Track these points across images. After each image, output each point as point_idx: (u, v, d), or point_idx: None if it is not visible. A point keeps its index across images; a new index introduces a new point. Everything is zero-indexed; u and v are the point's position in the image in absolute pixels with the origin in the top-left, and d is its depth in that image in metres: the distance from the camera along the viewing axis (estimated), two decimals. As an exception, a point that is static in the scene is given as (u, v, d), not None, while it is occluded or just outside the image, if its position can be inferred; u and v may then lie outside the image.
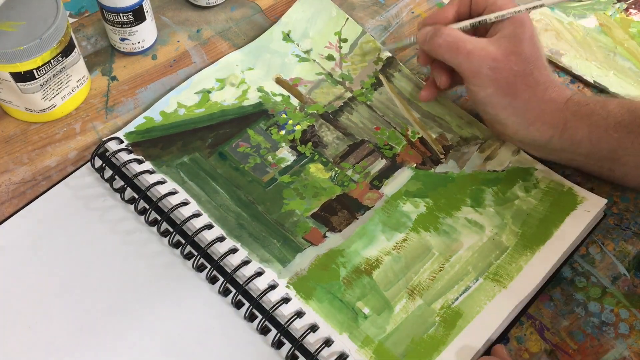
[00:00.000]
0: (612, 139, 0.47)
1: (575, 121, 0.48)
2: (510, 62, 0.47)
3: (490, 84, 0.48)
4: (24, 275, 0.46)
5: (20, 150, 0.53)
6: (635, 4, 0.64)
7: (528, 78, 0.48)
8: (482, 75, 0.48)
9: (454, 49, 0.48)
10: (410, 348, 0.43)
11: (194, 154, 0.52)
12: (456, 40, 0.49)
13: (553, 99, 0.48)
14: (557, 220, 0.48)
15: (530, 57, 0.48)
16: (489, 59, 0.47)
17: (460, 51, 0.48)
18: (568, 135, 0.48)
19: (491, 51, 0.48)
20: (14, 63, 0.48)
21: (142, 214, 0.49)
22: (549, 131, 0.48)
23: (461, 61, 0.48)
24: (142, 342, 0.44)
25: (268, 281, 0.45)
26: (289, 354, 0.43)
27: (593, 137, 0.47)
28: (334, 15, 0.61)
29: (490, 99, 0.49)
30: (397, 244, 0.48)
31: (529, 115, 0.48)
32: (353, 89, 0.57)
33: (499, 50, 0.48)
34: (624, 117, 0.47)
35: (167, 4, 0.63)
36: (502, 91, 0.48)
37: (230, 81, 0.56)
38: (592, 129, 0.47)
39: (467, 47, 0.48)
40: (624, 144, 0.47)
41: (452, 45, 0.49)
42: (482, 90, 0.49)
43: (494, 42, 0.48)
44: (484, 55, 0.48)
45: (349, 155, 0.53)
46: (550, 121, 0.48)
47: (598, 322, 0.46)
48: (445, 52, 0.49)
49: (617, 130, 0.47)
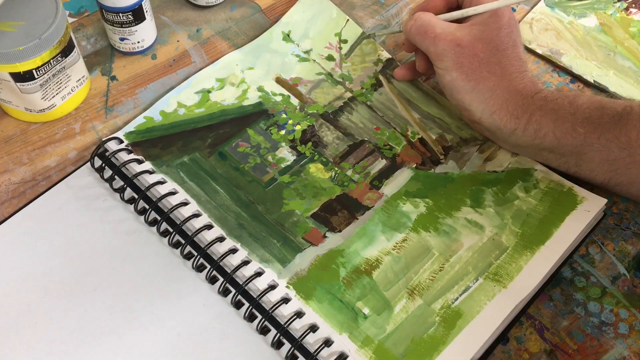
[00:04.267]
0: (577, 134, 0.47)
1: (541, 115, 0.48)
2: (475, 48, 0.49)
3: (453, 68, 0.49)
4: (24, 275, 0.46)
5: (20, 150, 0.53)
6: (635, 3, 0.64)
7: (493, 66, 0.49)
8: (446, 58, 0.49)
9: (422, 33, 0.50)
10: (410, 348, 0.43)
11: (193, 154, 0.52)
12: (425, 24, 0.50)
13: (519, 91, 0.49)
14: (557, 220, 0.48)
15: (500, 46, 0.49)
16: (454, 43, 0.49)
17: (428, 34, 0.50)
18: (532, 129, 0.48)
19: (458, 36, 0.49)
20: (13, 63, 0.48)
21: (142, 214, 0.49)
22: (511, 122, 0.49)
23: (428, 44, 0.50)
24: (142, 342, 0.44)
25: (268, 281, 0.45)
26: (288, 354, 0.43)
27: (558, 132, 0.47)
28: (334, 16, 0.61)
29: (454, 83, 0.50)
30: (397, 244, 0.48)
31: (492, 102, 0.49)
32: (353, 89, 0.57)
33: (466, 36, 0.49)
34: (592, 113, 0.47)
35: (166, 4, 0.63)
36: (466, 76, 0.49)
37: (230, 81, 0.56)
38: (557, 124, 0.47)
39: (435, 30, 0.50)
40: (589, 140, 0.47)
41: (420, 29, 0.51)
42: (447, 74, 0.50)
43: (464, 28, 0.50)
44: (450, 39, 0.49)
45: (349, 156, 0.53)
46: (514, 111, 0.48)
47: (598, 322, 0.46)
48: (415, 35, 0.51)
49: (584, 126, 0.47)
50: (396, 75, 0.57)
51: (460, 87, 0.49)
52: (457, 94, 0.50)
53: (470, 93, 0.49)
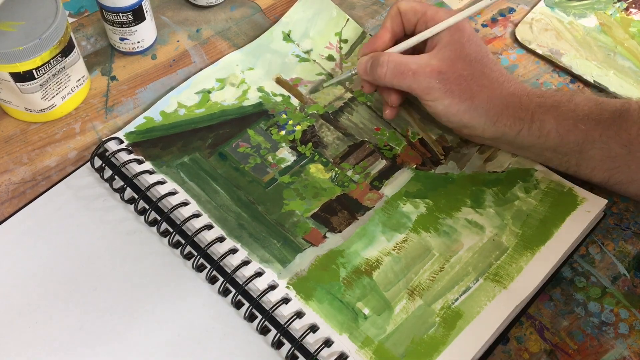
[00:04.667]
0: (579, 131, 0.47)
1: (542, 113, 0.48)
2: (457, 69, 0.48)
3: (444, 96, 0.48)
4: (24, 275, 0.46)
5: (20, 150, 0.53)
6: (635, 3, 0.64)
7: (480, 79, 0.48)
8: (434, 90, 0.48)
9: (398, 75, 0.49)
10: (410, 348, 0.43)
11: (194, 154, 0.52)
12: (398, 64, 0.49)
13: (513, 93, 0.49)
14: (557, 220, 0.48)
15: (476, 58, 0.48)
16: (435, 73, 0.48)
17: (405, 74, 0.48)
18: (536, 127, 0.48)
19: (435, 65, 0.48)
20: (13, 63, 0.48)
21: (142, 214, 0.49)
22: (516, 124, 0.48)
23: (410, 83, 0.49)
24: (142, 342, 0.44)
25: (268, 281, 0.45)
26: (288, 354, 0.43)
27: (561, 129, 0.47)
28: (334, 16, 0.61)
29: (449, 109, 0.49)
30: (397, 245, 0.48)
31: (492, 113, 0.48)
32: (353, 89, 0.57)
33: (442, 61, 0.48)
34: (592, 109, 0.47)
35: (166, 4, 0.63)
36: (459, 98, 0.48)
37: (231, 81, 0.56)
38: (559, 120, 0.47)
39: (411, 68, 0.48)
40: (591, 137, 0.47)
41: (395, 72, 0.49)
42: (439, 104, 0.49)
43: (436, 55, 0.49)
44: (429, 71, 0.48)
45: (349, 156, 0.53)
46: (516, 114, 0.48)
47: (598, 322, 0.46)
48: (392, 79, 0.49)
49: (585, 123, 0.47)
50: (386, 117, 0.54)
51: (456, 111, 0.48)
52: (455, 117, 0.49)
53: (468, 112, 0.48)
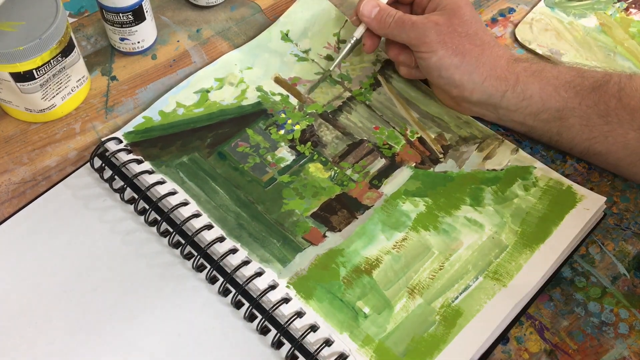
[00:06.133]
0: (560, 97, 0.49)
1: (527, 76, 0.50)
2: (453, 25, 0.51)
3: (438, 47, 0.51)
4: (24, 275, 0.46)
5: (20, 150, 0.53)
6: (635, 4, 0.64)
7: (473, 37, 0.51)
8: (429, 40, 0.51)
9: (400, 24, 0.52)
10: (410, 347, 0.43)
11: (193, 154, 0.52)
12: (402, 15, 0.53)
13: (501, 56, 0.52)
14: (556, 218, 0.48)
15: (472, 20, 0.52)
16: (433, 23, 0.51)
17: (405, 23, 0.52)
18: (520, 90, 0.50)
19: (433, 18, 0.51)
20: (13, 63, 0.48)
21: (141, 214, 0.49)
22: (502, 85, 0.51)
23: (408, 32, 0.52)
24: (142, 342, 0.44)
25: (268, 281, 0.45)
26: (288, 354, 0.43)
27: (543, 94, 0.50)
28: (333, 16, 0.61)
29: (442, 62, 0.51)
30: (396, 243, 0.48)
31: (481, 71, 0.51)
32: (352, 89, 0.57)
33: (440, 17, 0.51)
34: (574, 78, 0.50)
35: (166, 4, 0.63)
36: (452, 51, 0.50)
37: (229, 80, 0.56)
38: (542, 85, 0.50)
39: (411, 19, 0.52)
40: (571, 104, 0.49)
41: (398, 22, 0.52)
42: (433, 55, 0.51)
43: (434, 13, 0.52)
44: (427, 22, 0.51)
45: (348, 155, 0.53)
46: (502, 75, 0.51)
47: (598, 322, 0.46)
48: (393, 30, 0.53)
49: (567, 90, 0.49)
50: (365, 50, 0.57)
51: (448, 64, 0.51)
52: (446, 72, 0.51)
53: (458, 68, 0.51)
